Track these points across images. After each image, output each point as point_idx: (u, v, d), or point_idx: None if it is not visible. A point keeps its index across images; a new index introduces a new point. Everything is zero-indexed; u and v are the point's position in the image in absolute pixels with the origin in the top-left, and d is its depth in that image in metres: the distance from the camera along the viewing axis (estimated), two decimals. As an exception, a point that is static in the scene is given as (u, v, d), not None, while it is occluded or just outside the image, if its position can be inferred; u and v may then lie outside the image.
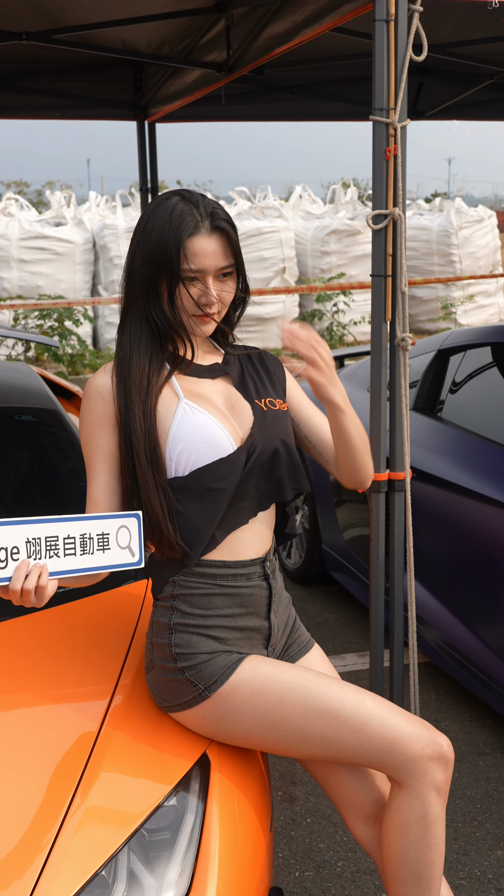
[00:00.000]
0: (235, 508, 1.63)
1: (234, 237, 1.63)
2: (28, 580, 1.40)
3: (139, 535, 1.55)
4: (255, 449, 1.63)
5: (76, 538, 1.46)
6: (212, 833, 1.44)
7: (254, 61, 3.46)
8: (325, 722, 1.54)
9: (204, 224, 1.59)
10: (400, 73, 2.25)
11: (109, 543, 1.51)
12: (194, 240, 1.58)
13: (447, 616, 2.87)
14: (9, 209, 10.28)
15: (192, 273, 1.60)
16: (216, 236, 1.60)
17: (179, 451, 1.60)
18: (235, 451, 1.62)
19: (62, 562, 1.45)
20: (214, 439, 1.61)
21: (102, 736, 1.53)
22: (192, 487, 1.60)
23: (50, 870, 1.30)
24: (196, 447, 1.60)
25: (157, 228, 1.60)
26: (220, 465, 1.60)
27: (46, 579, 1.42)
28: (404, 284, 2.31)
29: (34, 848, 1.33)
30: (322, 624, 3.58)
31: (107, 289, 10.26)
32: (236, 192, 12.13)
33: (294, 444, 1.71)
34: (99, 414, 1.63)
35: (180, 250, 1.58)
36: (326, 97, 4.89)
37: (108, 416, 1.63)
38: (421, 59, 2.29)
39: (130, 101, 4.74)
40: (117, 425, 1.63)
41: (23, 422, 2.59)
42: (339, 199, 11.89)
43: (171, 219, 1.59)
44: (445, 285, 11.01)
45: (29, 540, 1.41)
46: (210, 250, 1.59)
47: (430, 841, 1.57)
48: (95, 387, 1.64)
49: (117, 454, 1.64)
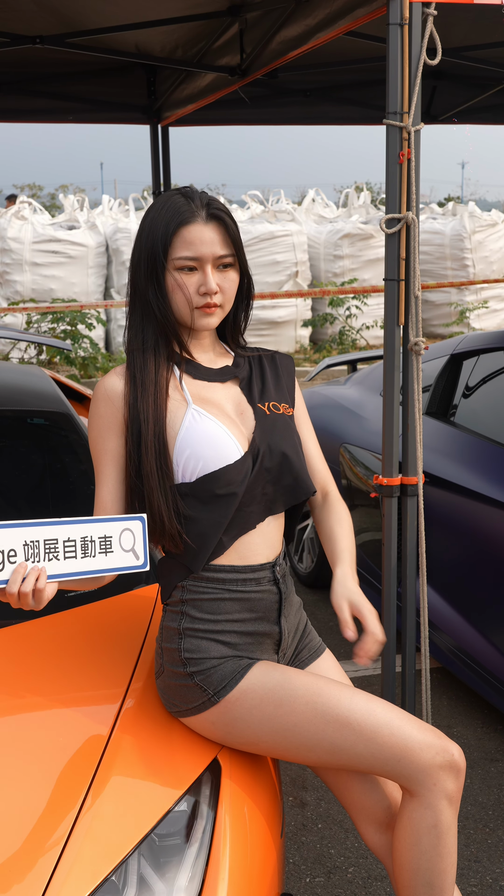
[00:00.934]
0: (243, 513, 1.62)
1: (232, 228, 1.63)
2: (25, 583, 1.40)
3: (144, 537, 1.54)
4: (259, 454, 1.63)
5: (77, 541, 1.45)
6: (222, 838, 1.43)
7: (267, 65, 3.46)
8: (334, 729, 1.53)
9: (200, 213, 1.60)
10: (414, 77, 2.25)
11: (112, 546, 1.50)
12: (190, 227, 1.59)
13: (459, 621, 2.85)
14: (22, 212, 10.30)
15: (189, 261, 1.59)
16: (213, 225, 1.61)
17: (187, 457, 1.59)
18: (242, 458, 1.61)
19: (62, 565, 1.44)
20: (222, 446, 1.60)
21: (113, 740, 1.53)
22: (200, 493, 1.59)
23: (60, 874, 1.30)
24: (203, 453, 1.59)
25: (155, 222, 1.61)
26: (227, 472, 1.59)
27: (44, 582, 1.42)
28: (418, 289, 2.30)
29: (45, 852, 1.33)
30: (334, 629, 3.57)
31: (119, 292, 10.28)
32: (249, 195, 12.13)
33: (300, 446, 1.70)
34: (108, 417, 1.63)
35: (176, 238, 1.59)
36: (340, 101, 4.88)
37: (117, 419, 1.62)
38: (435, 62, 2.28)
39: (144, 105, 4.75)
40: (126, 429, 1.62)
41: (35, 425, 2.59)
42: (352, 202, 11.87)
43: (167, 211, 1.60)
44: (458, 289, 10.97)
45: (27, 543, 1.40)
46: (207, 238, 1.59)
47: (441, 850, 1.55)
48: (104, 390, 1.64)
49: (126, 458, 1.63)
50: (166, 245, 1.59)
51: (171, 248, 1.60)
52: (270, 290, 9.92)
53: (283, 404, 1.71)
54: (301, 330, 10.42)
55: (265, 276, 10.16)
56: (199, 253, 1.60)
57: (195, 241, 1.59)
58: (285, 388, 1.75)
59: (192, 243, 1.59)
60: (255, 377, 1.73)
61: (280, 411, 1.69)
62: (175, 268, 1.61)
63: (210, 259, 1.60)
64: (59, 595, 1.57)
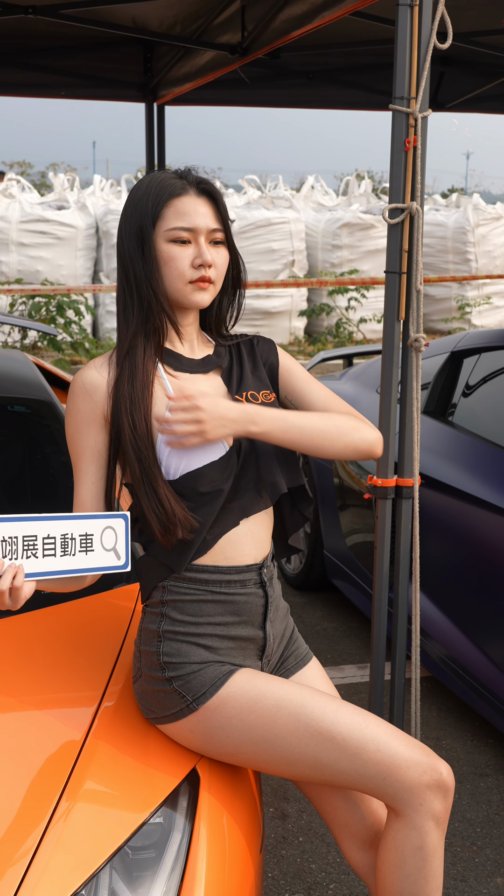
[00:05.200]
0: (226, 510, 1.57)
1: (222, 207, 1.59)
2: (1, 581, 1.35)
3: (126, 536, 1.49)
4: (241, 448, 1.57)
5: (56, 538, 1.40)
6: (199, 853, 1.39)
7: (269, 44, 3.41)
8: (317, 743, 1.48)
9: (191, 187, 1.57)
10: (423, 61, 2.19)
11: (93, 545, 1.45)
12: (182, 199, 1.56)
13: (452, 630, 2.80)
14: (9, 190, 10.15)
15: (183, 231, 1.55)
16: (204, 199, 1.57)
17: (169, 453, 1.54)
18: (227, 454, 1.56)
19: (40, 563, 1.39)
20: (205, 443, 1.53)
21: (87, 747, 1.48)
22: (184, 491, 1.54)
23: (27, 887, 1.26)
24: (186, 451, 1.53)
25: (144, 196, 1.57)
26: (212, 469, 1.54)
27: (21, 580, 1.37)
28: (419, 282, 2.24)
29: (12, 863, 1.28)
30: (321, 633, 3.51)
31: (108, 276, 10.16)
32: (246, 180, 12.02)
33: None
34: (87, 412, 1.57)
35: (167, 209, 1.54)
36: (344, 84, 4.82)
37: (97, 414, 1.56)
38: (445, 46, 2.23)
39: (139, 83, 4.68)
40: (106, 424, 1.57)
41: (15, 413, 2.52)
42: (353, 191, 11.77)
43: (158, 185, 1.57)
44: (460, 284, 10.90)
45: (5, 539, 1.36)
46: (200, 210, 1.56)
47: (427, 873, 1.51)
48: (83, 383, 1.58)
49: (106, 454, 1.58)
50: (156, 217, 1.55)
51: (161, 219, 1.55)
52: (265, 278, 9.82)
53: (262, 391, 1.65)
54: (296, 321, 10.34)
55: (260, 264, 10.06)
56: (193, 224, 1.55)
57: (189, 211, 1.55)
58: (262, 373, 1.68)
59: (185, 213, 1.55)
60: (235, 366, 1.67)
61: (259, 400, 1.63)
62: (167, 240, 1.55)
63: (204, 231, 1.56)
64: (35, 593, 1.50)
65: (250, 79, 4.08)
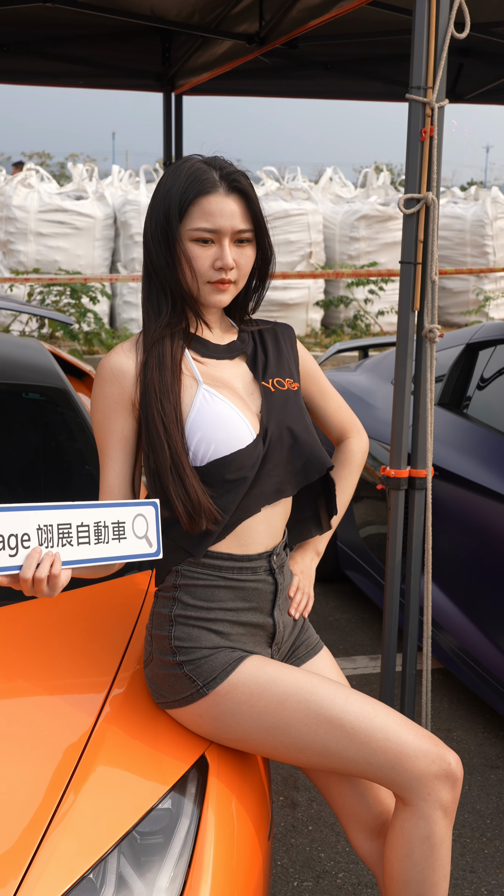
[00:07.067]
0: (249, 497, 1.57)
1: (254, 202, 1.56)
2: (40, 569, 1.34)
3: (157, 524, 1.48)
4: (268, 435, 1.57)
5: (90, 526, 1.40)
6: (207, 839, 1.39)
7: (287, 33, 3.38)
8: (326, 731, 1.48)
9: (221, 184, 1.53)
10: (440, 51, 2.18)
11: (125, 532, 1.44)
12: (210, 198, 1.53)
13: (464, 621, 2.79)
14: (28, 180, 10.15)
15: (206, 233, 1.53)
16: (234, 198, 1.54)
17: (198, 440, 1.53)
18: (254, 441, 1.56)
19: (75, 550, 1.38)
20: (234, 429, 1.54)
21: (97, 732, 1.48)
22: (210, 478, 1.53)
23: (35, 870, 1.26)
24: (216, 436, 1.53)
25: (173, 188, 1.55)
26: (239, 457, 1.54)
27: (59, 568, 1.36)
28: (435, 273, 2.23)
29: (20, 847, 1.29)
30: (333, 624, 3.51)
31: (126, 266, 10.14)
32: (264, 171, 11.98)
33: (309, 423, 1.65)
34: (114, 397, 1.57)
35: (193, 207, 1.52)
36: (362, 75, 4.78)
37: (124, 399, 1.56)
38: (462, 36, 2.21)
39: (157, 72, 4.66)
40: (133, 409, 1.56)
41: (30, 400, 2.52)
42: (371, 183, 11.70)
43: (187, 177, 1.54)
44: (478, 277, 10.81)
45: (40, 527, 1.34)
46: (227, 211, 1.53)
47: (434, 863, 1.51)
48: (110, 368, 1.57)
49: (133, 439, 1.58)
50: (182, 213, 1.53)
51: (187, 216, 1.53)
52: (282, 270, 9.79)
53: (287, 379, 1.65)
54: (313, 313, 10.30)
55: (278, 255, 9.96)
56: (217, 225, 1.53)
57: (215, 212, 1.53)
58: (286, 361, 1.69)
59: (211, 214, 1.53)
60: (260, 352, 1.67)
61: (285, 387, 1.63)
62: (190, 238, 1.54)
63: (229, 232, 1.54)
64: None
65: (268, 69, 4.06)
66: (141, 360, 1.56)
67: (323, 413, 1.80)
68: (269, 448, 1.57)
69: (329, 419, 1.81)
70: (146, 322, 1.61)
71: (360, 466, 1.84)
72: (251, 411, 1.59)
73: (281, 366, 1.67)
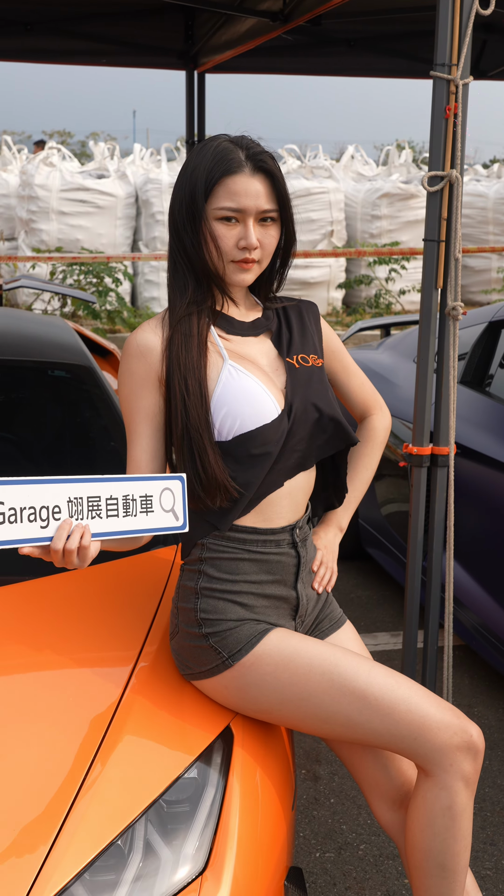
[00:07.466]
0: (272, 471, 1.59)
1: (280, 182, 1.57)
2: (70, 540, 1.37)
3: (183, 498, 1.50)
4: (293, 410, 1.59)
5: (119, 499, 1.42)
6: (232, 808, 1.42)
7: (311, 11, 3.35)
8: (350, 702, 1.50)
9: (247, 164, 1.54)
10: (465, 27, 2.16)
11: (153, 506, 1.46)
12: (235, 178, 1.54)
13: (485, 598, 2.79)
14: (50, 159, 10.13)
15: (231, 212, 1.55)
16: (259, 178, 1.55)
17: (224, 415, 1.55)
18: (279, 416, 1.57)
19: (104, 523, 1.41)
20: (260, 404, 1.56)
21: (124, 703, 1.51)
22: (235, 452, 1.55)
23: (65, 837, 1.29)
24: (242, 411, 1.55)
25: (199, 167, 1.56)
26: (265, 431, 1.56)
27: (89, 540, 1.39)
28: (458, 251, 2.22)
29: (50, 814, 1.32)
30: (355, 601, 3.53)
31: (147, 245, 10.12)
32: (286, 149, 11.88)
33: (333, 398, 1.66)
34: (141, 374, 1.59)
35: (219, 187, 1.54)
36: (386, 52, 4.73)
37: (151, 375, 1.58)
38: (488, 12, 2.20)
39: (180, 50, 4.63)
40: (160, 385, 1.58)
41: (56, 377, 2.55)
42: (393, 161, 11.57)
43: (213, 157, 1.55)
44: (500, 255, 10.69)
45: (70, 499, 1.37)
46: (252, 191, 1.54)
47: (455, 833, 1.52)
48: (137, 345, 1.59)
49: (160, 415, 1.60)
50: (208, 192, 1.55)
51: (212, 195, 1.55)
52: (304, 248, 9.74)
53: (311, 356, 1.67)
54: (334, 292, 10.24)
55: (299, 234, 9.89)
56: (242, 205, 1.54)
57: (240, 192, 1.54)
58: (311, 337, 1.70)
59: (236, 194, 1.54)
60: (284, 329, 1.69)
61: (309, 363, 1.65)
62: (215, 217, 1.56)
63: (253, 212, 1.55)
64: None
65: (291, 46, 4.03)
66: (167, 337, 1.58)
67: (346, 390, 1.81)
68: (294, 423, 1.59)
69: (352, 396, 1.82)
70: (172, 299, 1.62)
71: (383, 443, 1.85)
72: (276, 387, 1.61)
73: (305, 342, 1.68)
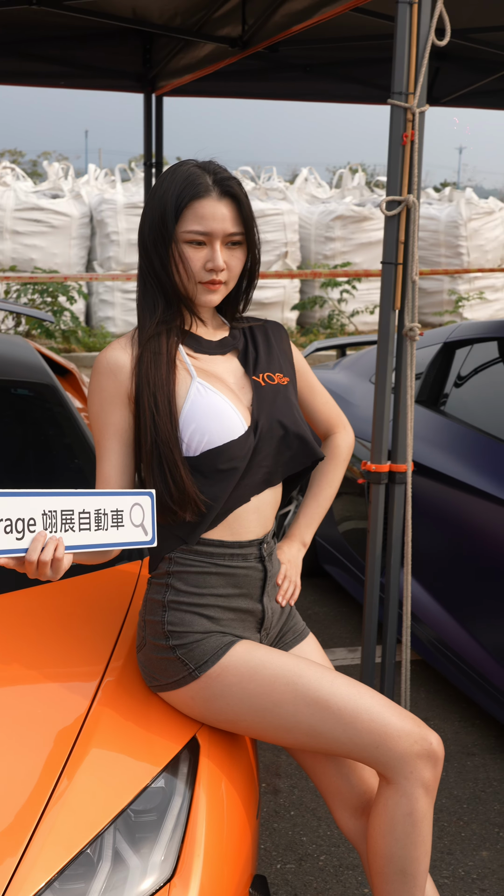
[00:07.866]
0: (239, 486, 1.62)
1: (246, 207, 1.62)
2: (44, 552, 1.39)
3: (152, 514, 1.53)
4: (258, 427, 1.63)
5: (91, 513, 1.45)
6: (198, 817, 1.43)
7: (269, 38, 3.41)
8: (313, 712, 1.53)
9: (214, 188, 1.59)
10: (421, 58, 2.22)
11: (123, 521, 1.49)
12: (203, 202, 1.58)
13: (441, 614, 2.85)
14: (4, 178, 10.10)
15: (199, 235, 1.59)
16: (226, 202, 1.60)
17: (192, 430, 1.58)
18: (246, 433, 1.61)
19: (77, 536, 1.43)
20: (227, 420, 1.60)
21: (92, 715, 1.52)
22: (202, 468, 1.59)
23: (35, 846, 1.30)
24: (209, 427, 1.58)
25: (168, 192, 1.60)
26: (232, 447, 1.59)
27: (63, 552, 1.41)
28: (415, 273, 2.28)
29: (19, 824, 1.32)
30: (312, 617, 3.56)
31: (102, 265, 10.12)
32: (240, 171, 12.01)
33: (299, 416, 1.71)
34: (111, 391, 1.61)
35: (187, 211, 1.58)
36: (341, 78, 4.82)
37: (121, 392, 1.61)
38: (443, 43, 2.26)
39: (138, 73, 4.67)
40: (130, 402, 1.61)
41: (19, 396, 2.55)
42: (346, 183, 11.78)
43: (182, 181, 1.59)
44: (452, 278, 10.93)
45: (45, 512, 1.39)
46: (219, 214, 1.59)
47: (416, 839, 1.55)
48: (107, 362, 1.62)
49: (129, 432, 1.62)
50: (177, 215, 1.59)
51: (181, 219, 1.59)
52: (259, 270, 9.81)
53: (277, 374, 1.71)
54: (289, 312, 10.36)
55: (254, 254, 10.01)
56: (209, 228, 1.59)
57: (207, 216, 1.58)
58: (277, 356, 1.75)
59: (203, 217, 1.58)
60: (251, 348, 1.73)
61: (275, 382, 1.69)
62: (184, 240, 1.60)
63: (220, 235, 1.60)
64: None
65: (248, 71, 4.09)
66: (137, 355, 1.61)
67: (311, 408, 1.85)
68: (260, 440, 1.63)
69: (317, 414, 1.86)
70: (141, 318, 1.66)
71: (346, 461, 1.90)
72: (243, 404, 1.65)
73: (271, 361, 1.73)
